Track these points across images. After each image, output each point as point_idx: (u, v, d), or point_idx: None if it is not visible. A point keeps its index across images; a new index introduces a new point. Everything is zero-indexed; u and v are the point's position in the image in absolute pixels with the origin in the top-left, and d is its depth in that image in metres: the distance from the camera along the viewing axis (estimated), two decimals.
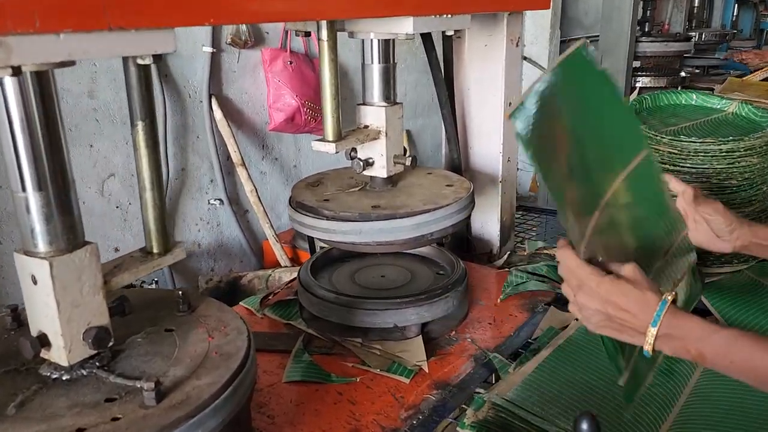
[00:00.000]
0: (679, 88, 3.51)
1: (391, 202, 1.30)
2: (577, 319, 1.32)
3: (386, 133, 1.31)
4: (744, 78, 3.41)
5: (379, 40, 1.26)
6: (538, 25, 5.17)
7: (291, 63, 2.98)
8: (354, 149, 1.33)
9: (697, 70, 4.23)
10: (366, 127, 1.33)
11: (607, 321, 0.88)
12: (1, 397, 0.79)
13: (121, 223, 2.61)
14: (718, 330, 0.85)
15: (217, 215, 2.96)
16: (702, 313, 1.49)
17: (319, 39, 1.16)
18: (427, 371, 1.21)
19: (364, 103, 1.34)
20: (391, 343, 1.29)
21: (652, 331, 0.84)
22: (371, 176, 1.38)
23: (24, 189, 0.77)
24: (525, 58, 5.31)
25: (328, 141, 1.24)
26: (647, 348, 0.86)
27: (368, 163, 1.34)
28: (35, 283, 0.79)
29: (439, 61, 1.57)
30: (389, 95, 1.32)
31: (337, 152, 1.24)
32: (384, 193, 1.37)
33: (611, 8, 3.09)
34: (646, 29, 3.46)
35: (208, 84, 2.75)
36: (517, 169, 5.79)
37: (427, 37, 1.49)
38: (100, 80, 2.41)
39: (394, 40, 1.27)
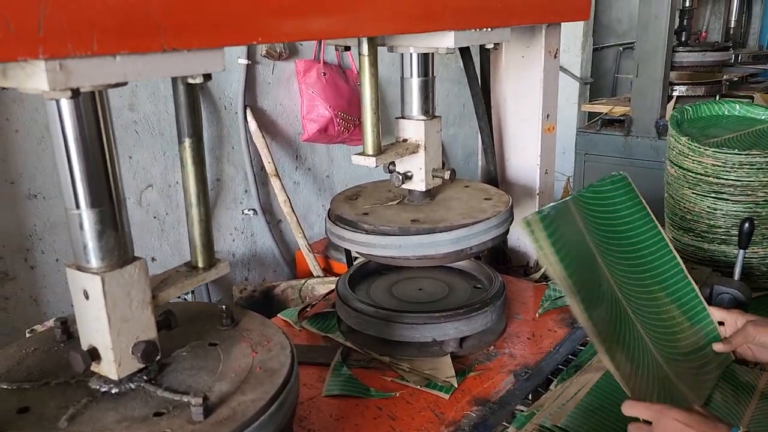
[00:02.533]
0: (718, 98, 3.45)
1: (430, 216, 1.30)
2: None
3: (425, 147, 1.31)
4: None
5: (418, 54, 1.26)
6: (571, 34, 5.13)
7: (324, 74, 3.00)
8: (393, 163, 1.33)
9: (735, 78, 4.14)
10: (405, 140, 1.33)
11: None
12: (52, 410, 0.81)
13: (159, 233, 2.66)
14: None
15: (251, 225, 2.99)
16: None
17: (360, 54, 1.16)
18: (456, 386, 1.19)
19: (402, 117, 1.34)
20: (419, 361, 1.28)
21: None
22: (409, 189, 1.38)
23: (78, 206, 0.78)
24: None
25: (368, 155, 1.24)
26: None
27: (407, 177, 1.34)
28: (87, 298, 0.80)
29: (476, 73, 1.56)
30: (428, 109, 1.32)
31: (376, 166, 1.24)
32: (422, 206, 1.36)
33: (648, 16, 3.04)
34: (683, 39, 3.40)
35: (243, 95, 2.79)
36: None
37: (465, 50, 1.49)
38: (140, 94, 2.47)
39: (433, 53, 1.27)
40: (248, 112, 2.81)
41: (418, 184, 1.35)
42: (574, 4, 1.50)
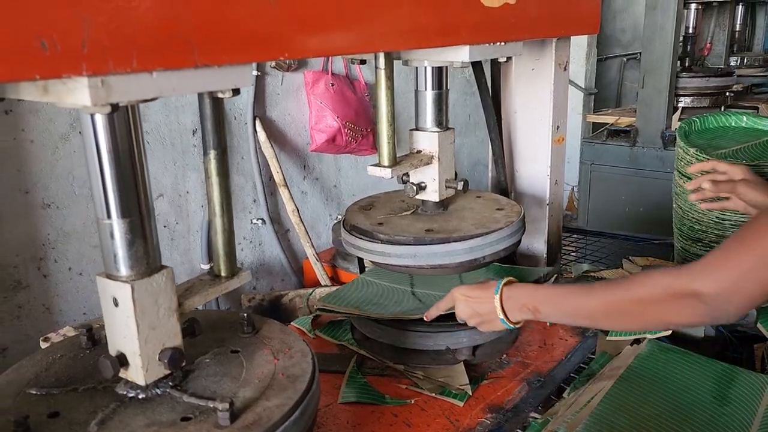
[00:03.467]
0: (723, 109, 3.47)
1: (443, 226, 1.32)
2: (631, 345, 1.33)
3: (439, 158, 1.34)
4: None
5: (433, 67, 1.28)
6: (575, 44, 5.17)
7: (333, 85, 3.04)
8: (407, 174, 1.35)
9: (740, 89, 4.17)
10: (419, 152, 1.35)
11: (479, 317, 1.16)
12: (82, 415, 0.83)
13: (169, 242, 2.68)
14: (543, 286, 1.17)
15: (259, 234, 3.02)
16: (752, 339, 1.46)
17: (376, 68, 1.19)
18: (470, 394, 1.21)
19: (417, 129, 1.37)
20: (433, 369, 1.30)
21: (496, 298, 1.12)
22: (423, 200, 1.40)
23: (109, 216, 0.80)
24: None
25: (384, 166, 1.27)
26: (500, 315, 1.12)
27: (421, 187, 1.36)
28: (116, 305, 0.82)
29: (487, 85, 1.59)
30: (442, 121, 1.35)
31: (392, 177, 1.27)
32: (436, 216, 1.39)
33: (653, 28, 3.07)
34: (687, 64, 3.45)
35: (253, 106, 2.83)
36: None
37: (476, 63, 1.52)
38: (151, 104, 2.49)
39: (448, 67, 1.29)
40: (257, 122, 2.85)
41: (432, 194, 1.37)
42: (583, 18, 1.53)
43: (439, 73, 1.31)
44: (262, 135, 2.85)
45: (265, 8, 0.77)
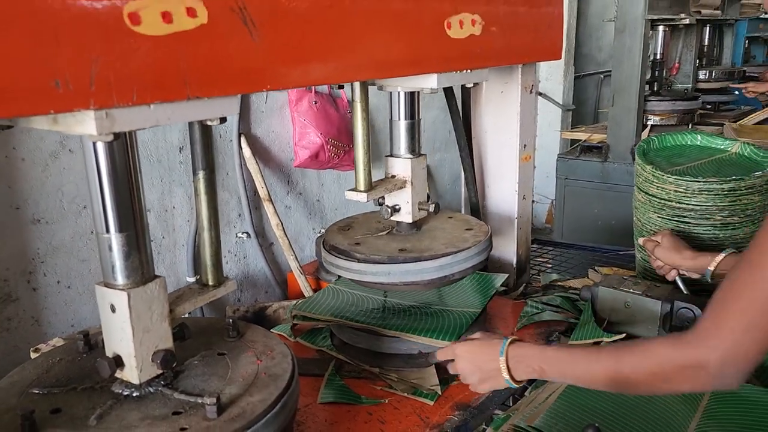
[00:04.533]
0: (690, 126, 3.63)
1: (416, 246, 1.42)
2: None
3: (412, 183, 1.45)
4: (740, 123, 3.54)
5: (405, 99, 1.40)
6: (553, 63, 5.33)
7: (315, 103, 3.14)
8: (382, 197, 1.46)
9: (708, 107, 4.33)
10: (393, 176, 1.46)
11: (481, 374, 1.17)
12: (81, 411, 0.91)
13: (155, 256, 2.75)
14: (549, 348, 1.15)
15: (244, 248, 3.10)
16: None
17: (353, 100, 1.30)
18: (440, 394, 1.31)
19: (391, 155, 1.48)
20: (406, 371, 1.40)
21: (501, 359, 1.12)
22: (398, 221, 1.50)
23: (108, 231, 0.90)
24: (540, 94, 5.46)
25: (360, 191, 1.37)
26: (505, 375, 1.13)
27: (395, 210, 1.47)
28: (113, 311, 0.91)
29: (458, 108, 1.70)
30: (414, 148, 1.46)
31: (368, 201, 1.37)
32: (410, 236, 1.49)
33: (622, 50, 3.22)
34: (655, 88, 3.61)
35: (238, 124, 2.92)
36: (533, 201, 5.88)
37: (447, 87, 1.63)
38: None
39: (419, 93, 1.40)
40: (242, 139, 2.94)
41: (406, 216, 1.48)
42: (546, 46, 1.65)
43: (411, 104, 1.42)
44: (247, 151, 2.94)
45: (249, 46, 0.87)
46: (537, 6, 1.55)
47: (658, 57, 3.64)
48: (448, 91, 1.64)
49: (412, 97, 1.41)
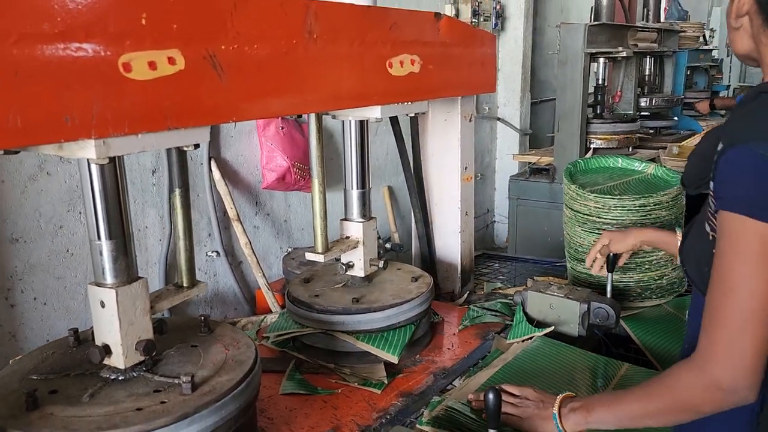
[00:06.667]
0: (631, 149, 3.92)
1: (367, 297, 1.63)
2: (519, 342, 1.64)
3: (363, 243, 1.66)
4: (681, 144, 3.84)
5: (357, 169, 1.63)
6: (510, 89, 5.64)
7: (282, 128, 3.34)
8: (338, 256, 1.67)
9: (651, 131, 4.66)
10: (348, 237, 1.68)
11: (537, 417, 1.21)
12: (75, 392, 1.08)
13: None
14: (595, 403, 1.14)
15: (213, 266, 3.25)
16: (625, 340, 1.80)
17: (312, 177, 1.53)
18: (386, 383, 1.50)
19: (346, 219, 1.69)
20: (358, 367, 1.59)
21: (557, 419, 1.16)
22: (352, 275, 1.71)
23: (99, 238, 1.08)
24: (498, 119, 5.75)
25: (318, 253, 1.59)
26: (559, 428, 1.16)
27: (349, 266, 1.68)
28: (103, 306, 1.09)
29: (402, 136, 1.92)
30: (365, 213, 1.68)
31: (324, 262, 1.58)
32: (362, 288, 1.69)
33: (565, 80, 3.51)
34: (598, 111, 3.90)
35: (208, 148, 3.10)
36: (493, 221, 6.08)
37: (393, 118, 1.85)
38: None
39: (369, 166, 1.64)
40: (212, 162, 3.11)
41: (359, 271, 1.68)
42: (481, 80, 1.88)
43: (363, 175, 1.65)
44: (216, 174, 3.11)
45: (218, 87, 1.07)
46: (471, 47, 1.78)
47: (601, 82, 3.94)
48: (394, 120, 1.85)
49: (363, 167, 1.64)
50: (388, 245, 2.23)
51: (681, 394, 1.00)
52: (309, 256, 1.61)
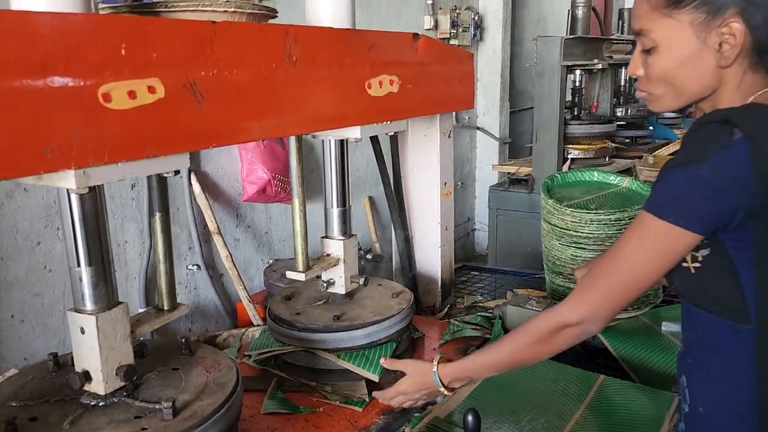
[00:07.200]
0: (608, 158, 3.98)
1: (348, 315, 1.63)
2: None
3: (344, 260, 1.67)
4: (656, 154, 3.92)
5: (337, 187, 1.64)
6: (489, 98, 5.70)
7: (262, 141, 3.34)
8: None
9: (627, 140, 4.73)
10: (328, 255, 1.69)
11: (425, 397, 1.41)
12: (56, 418, 1.08)
13: None
14: (467, 357, 1.34)
15: (194, 279, 3.24)
16: (602, 352, 1.83)
17: (292, 197, 1.54)
18: (368, 401, 1.51)
19: (326, 237, 1.70)
20: (340, 385, 1.60)
21: (438, 383, 1.34)
22: (333, 292, 1.72)
23: (79, 265, 1.08)
24: (478, 128, 5.80)
25: (299, 271, 1.59)
26: (445, 392, 1.35)
27: (330, 283, 1.68)
28: (83, 332, 1.09)
29: (382, 153, 1.94)
30: (345, 231, 1.69)
31: (305, 280, 1.59)
32: (343, 305, 1.70)
33: (542, 92, 3.56)
34: (576, 113, 3.97)
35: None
36: (474, 229, 6.13)
37: (373, 135, 1.87)
38: None
39: (349, 185, 1.65)
40: (192, 176, 3.10)
41: (340, 288, 1.69)
42: (459, 97, 1.91)
43: (343, 194, 1.66)
44: (197, 187, 3.10)
45: (198, 113, 1.07)
46: (449, 65, 1.81)
47: (578, 84, 4.01)
48: (374, 138, 1.87)
49: (344, 185, 1.65)
50: (369, 256, 2.26)
51: (539, 331, 1.18)
52: (290, 274, 1.62)
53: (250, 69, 1.16)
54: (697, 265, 1.04)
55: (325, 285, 1.69)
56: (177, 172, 1.09)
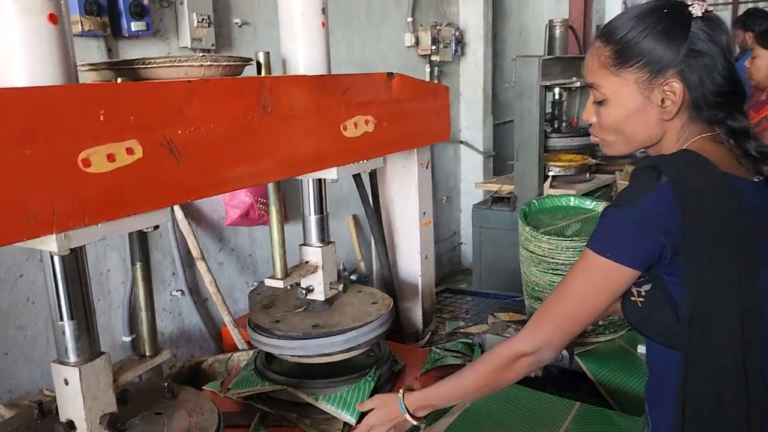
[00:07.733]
0: (588, 175, 4.04)
1: (328, 321, 1.66)
2: None
3: (323, 267, 1.69)
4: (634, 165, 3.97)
5: (314, 195, 1.67)
6: (472, 113, 5.76)
7: None
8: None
9: (607, 157, 4.81)
10: (307, 262, 1.71)
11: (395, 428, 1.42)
12: None
13: None
14: (433, 386, 1.37)
15: (178, 305, 3.25)
16: (580, 376, 1.88)
17: (269, 204, 1.57)
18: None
19: (305, 244, 1.73)
20: (319, 418, 1.62)
21: (404, 412, 1.36)
22: (312, 299, 1.74)
23: (62, 319, 1.10)
24: (462, 142, 5.86)
25: (278, 278, 1.61)
26: (413, 421, 1.37)
27: (309, 290, 1.71)
28: (67, 384, 1.11)
29: (364, 186, 1.98)
30: (324, 238, 1.72)
31: (284, 287, 1.61)
32: (323, 312, 1.72)
33: (522, 111, 3.63)
34: (556, 126, 4.05)
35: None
36: (460, 243, 6.16)
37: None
38: None
39: (326, 193, 1.68)
40: None
41: (319, 295, 1.71)
42: (435, 131, 1.96)
43: (320, 200, 1.69)
44: (179, 213, 3.12)
45: (176, 169, 1.11)
46: (424, 101, 1.86)
47: (557, 98, 4.08)
48: (355, 175, 1.91)
49: (321, 193, 1.68)
50: (353, 277, 2.28)
51: (498, 360, 1.24)
52: (268, 282, 1.63)
53: (226, 122, 1.20)
54: (641, 299, 1.12)
55: (303, 292, 1.71)
56: (156, 227, 1.13)
